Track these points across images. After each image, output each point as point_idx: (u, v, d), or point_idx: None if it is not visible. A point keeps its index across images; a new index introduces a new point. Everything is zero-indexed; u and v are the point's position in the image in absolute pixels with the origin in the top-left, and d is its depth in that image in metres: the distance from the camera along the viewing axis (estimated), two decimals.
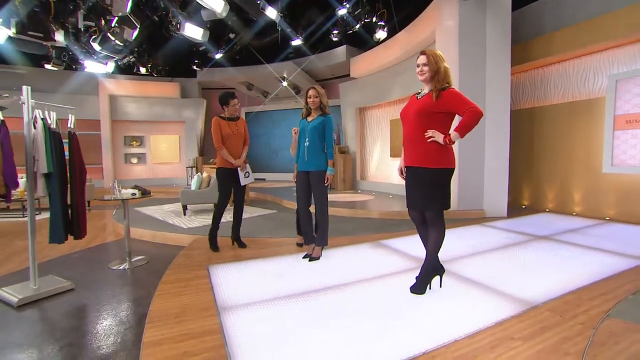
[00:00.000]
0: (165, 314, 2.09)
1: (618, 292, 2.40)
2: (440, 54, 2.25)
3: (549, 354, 1.65)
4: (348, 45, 9.46)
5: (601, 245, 3.54)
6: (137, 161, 11.32)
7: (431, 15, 5.85)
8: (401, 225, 4.82)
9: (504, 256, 3.24)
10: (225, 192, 3.60)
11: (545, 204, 5.79)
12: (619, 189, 4.84)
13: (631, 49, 4.72)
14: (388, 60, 7.73)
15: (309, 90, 3.25)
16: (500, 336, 1.80)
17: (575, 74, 5.37)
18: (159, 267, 3.33)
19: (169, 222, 5.08)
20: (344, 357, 1.64)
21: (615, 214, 4.88)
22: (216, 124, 3.52)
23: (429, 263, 2.36)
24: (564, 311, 2.09)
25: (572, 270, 2.81)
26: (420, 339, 1.78)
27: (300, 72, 10.32)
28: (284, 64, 10.18)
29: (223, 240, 3.92)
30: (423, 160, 2.18)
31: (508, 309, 2.11)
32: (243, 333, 1.86)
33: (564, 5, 5.43)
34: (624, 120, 4.69)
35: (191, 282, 2.64)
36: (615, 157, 4.79)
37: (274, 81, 10.75)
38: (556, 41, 5.30)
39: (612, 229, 4.32)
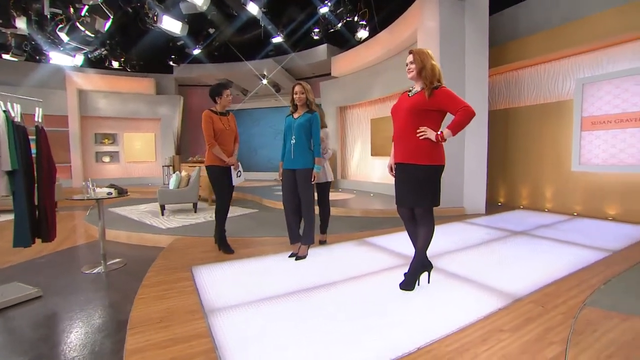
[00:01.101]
0: (149, 318, 1.98)
1: (591, 282, 2.53)
2: (427, 52, 2.29)
3: (536, 344, 1.70)
4: (329, 44, 9.47)
5: (572, 239, 3.74)
6: (109, 160, 10.77)
7: (413, 16, 5.95)
8: (384, 223, 4.87)
9: (486, 251, 3.34)
10: (221, 191, 3.35)
11: (519, 201, 6.06)
12: (585, 187, 5.14)
13: (595, 55, 5.03)
14: (369, 60, 7.80)
15: (294, 87, 3.20)
16: (490, 329, 1.85)
17: (546, 77, 5.64)
18: (138, 269, 3.17)
19: (146, 222, 4.86)
20: (337, 357, 1.62)
21: (582, 209, 5.18)
22: (208, 118, 3.25)
23: (417, 260, 2.39)
24: (545, 302, 2.18)
25: (548, 264, 2.94)
26: (413, 335, 1.79)
27: (280, 70, 10.22)
28: (264, 62, 10.04)
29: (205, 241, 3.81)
30: (414, 156, 2.20)
31: (494, 302, 2.17)
32: (233, 335, 1.80)
33: (536, 11, 5.70)
34: (590, 122, 4.98)
35: (174, 284, 2.53)
36: (582, 156, 5.08)
37: (254, 79, 10.58)
38: (529, 45, 5.54)
39: (579, 224, 4.58)
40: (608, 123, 4.81)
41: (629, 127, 4.64)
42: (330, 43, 9.41)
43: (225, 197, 3.37)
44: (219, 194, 3.36)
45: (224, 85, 3.43)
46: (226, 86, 3.42)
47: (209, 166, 3.33)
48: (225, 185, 3.36)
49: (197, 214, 5.50)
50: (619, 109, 4.72)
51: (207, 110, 3.35)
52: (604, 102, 4.84)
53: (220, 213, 3.36)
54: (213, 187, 3.39)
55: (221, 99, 3.36)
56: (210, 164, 3.31)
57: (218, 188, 3.35)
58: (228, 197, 3.46)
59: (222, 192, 3.36)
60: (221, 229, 3.39)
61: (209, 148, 3.26)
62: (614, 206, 4.87)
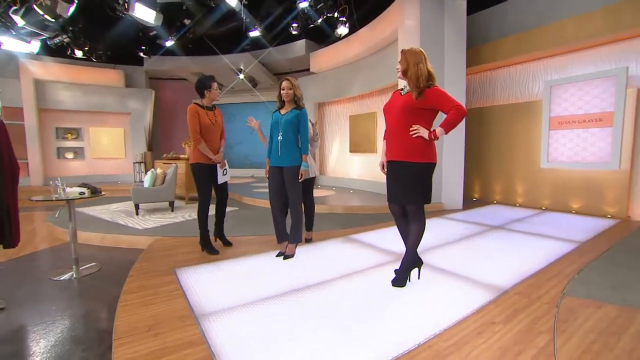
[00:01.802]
0: (135, 327, 1.86)
1: (566, 272, 2.70)
2: (417, 52, 2.30)
3: (526, 334, 1.78)
4: (307, 40, 9.38)
5: (544, 232, 3.97)
6: (73, 156, 10.05)
7: (393, 14, 6.01)
8: (366, 220, 4.92)
9: (468, 246, 3.47)
10: (206, 191, 3.21)
11: (493, 196, 6.35)
12: (553, 182, 5.48)
13: (562, 59, 5.35)
14: (349, 56, 7.82)
15: (282, 82, 3.12)
16: (483, 322, 1.91)
17: (517, 78, 5.93)
18: (115, 273, 3.00)
19: (120, 223, 4.59)
20: (341, 358, 1.60)
21: (549, 204, 5.52)
22: (194, 113, 3.07)
23: (409, 256, 2.43)
24: (529, 293, 2.29)
25: (526, 256, 3.10)
26: (411, 331, 1.81)
27: (257, 64, 10.00)
28: (240, 56, 9.77)
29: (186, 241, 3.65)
30: (408, 154, 2.22)
31: (483, 295, 2.25)
32: (230, 341, 1.73)
33: (508, 15, 5.95)
34: (557, 122, 5.30)
35: (159, 289, 2.40)
36: (550, 154, 5.40)
37: (230, 73, 10.27)
38: (502, 47, 5.79)
39: (549, 217, 4.87)
40: (573, 123, 5.14)
41: (590, 127, 4.99)
42: (309, 38, 9.32)
43: (208, 197, 3.24)
44: (203, 193, 3.22)
45: (211, 77, 3.27)
46: (213, 78, 3.28)
47: (194, 164, 3.18)
48: (210, 183, 3.24)
49: (175, 213, 5.27)
50: (582, 110, 5.06)
51: (193, 103, 3.17)
52: (569, 104, 5.17)
53: (203, 212, 3.23)
54: (197, 186, 3.23)
55: (210, 92, 3.20)
56: (195, 161, 3.16)
57: (202, 187, 3.20)
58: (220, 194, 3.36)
59: (206, 190, 3.23)
60: (205, 229, 3.26)
61: (195, 144, 3.10)
62: (577, 200, 5.23)
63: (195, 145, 3.09)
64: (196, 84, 3.23)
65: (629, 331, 1.86)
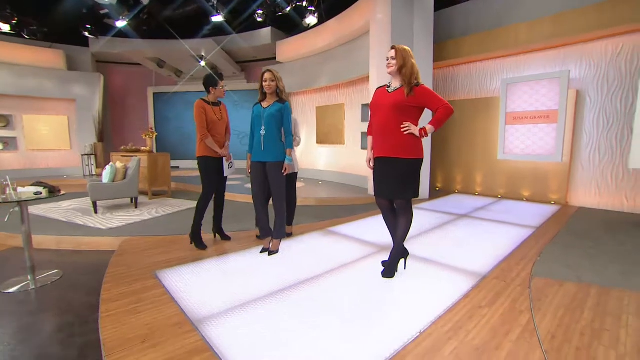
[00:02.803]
0: (127, 339, 1.73)
1: (530, 256, 3.01)
2: (408, 50, 2.36)
3: (511, 315, 1.98)
4: (273, 28, 9.11)
5: (504, 219, 4.37)
6: (2, 147, 8.86)
7: (365, 7, 6.04)
8: (340, 212, 5.01)
9: (442, 235, 3.70)
10: (211, 184, 3.25)
11: (454, 186, 6.80)
12: (507, 173, 6.01)
13: (516, 59, 5.83)
14: (318, 47, 7.75)
15: (264, 74, 3.02)
16: (471, 307, 2.07)
17: (477, 75, 6.34)
18: (81, 280, 2.76)
19: (78, 223, 4.18)
20: (352, 352, 1.65)
21: (505, 192, 6.06)
22: (201, 109, 3.15)
23: (397, 248, 2.53)
24: (505, 277, 2.53)
25: (494, 243, 3.40)
26: (411, 320, 1.91)
27: (220, 51, 9.51)
28: (202, 41, 9.21)
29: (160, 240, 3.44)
30: (399, 151, 2.29)
31: (466, 282, 2.43)
32: (233, 343, 1.69)
33: (470, 15, 6.30)
34: (512, 117, 5.79)
35: (143, 294, 2.25)
36: (506, 146, 5.90)
37: (190, 59, 9.66)
38: (464, 45, 6.14)
39: (506, 205, 5.36)
40: (525, 119, 5.65)
41: (539, 123, 5.53)
42: (275, 27, 9.06)
43: (213, 189, 3.29)
44: (208, 185, 3.25)
45: (219, 75, 3.34)
46: (222, 77, 3.36)
47: (201, 157, 3.23)
48: (215, 176, 3.29)
49: (140, 210, 4.92)
50: (532, 107, 5.58)
51: (200, 100, 3.23)
52: (522, 101, 5.66)
53: (204, 205, 3.26)
54: (202, 178, 3.27)
55: (215, 90, 3.27)
56: (202, 154, 3.23)
57: (208, 179, 3.25)
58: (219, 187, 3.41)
59: (211, 183, 3.26)
60: (199, 222, 3.26)
61: (202, 139, 3.16)
62: (527, 189, 5.80)
63: (202, 140, 3.16)
64: (204, 80, 3.29)
65: (587, 304, 2.14)
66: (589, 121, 5.23)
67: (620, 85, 4.95)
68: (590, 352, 1.66)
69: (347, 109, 7.81)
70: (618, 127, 5.00)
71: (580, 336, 1.79)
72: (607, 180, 5.11)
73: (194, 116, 3.17)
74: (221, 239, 3.51)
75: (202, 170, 3.25)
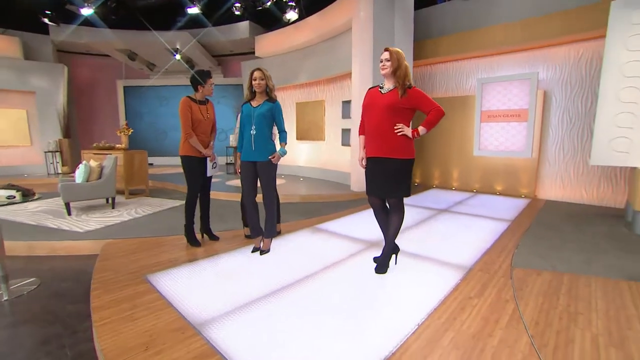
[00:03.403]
0: (128, 348, 1.68)
1: (509, 248, 3.22)
2: (402, 52, 2.43)
3: (498, 304, 2.13)
4: (251, 22, 8.93)
5: (481, 213, 4.62)
6: None
7: (347, 4, 6.05)
8: (325, 208, 5.07)
9: (426, 230, 3.86)
10: (195, 183, 3.22)
11: (432, 181, 7.06)
12: (482, 168, 6.33)
13: (490, 60, 6.12)
14: (298, 43, 7.70)
15: (254, 72, 3.00)
16: (462, 298, 2.21)
17: (454, 74, 6.59)
18: (63, 288, 2.64)
19: (50, 226, 3.95)
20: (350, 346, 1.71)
21: (479, 187, 6.39)
22: (187, 107, 3.07)
23: (388, 245, 2.63)
24: (488, 269, 2.70)
25: (475, 236, 3.60)
26: (408, 314, 2.01)
27: (195, 44, 9.20)
28: (176, 34, 8.85)
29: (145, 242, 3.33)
30: (393, 151, 2.37)
31: (454, 275, 2.57)
32: (240, 346, 1.70)
33: (446, 16, 6.51)
34: (487, 115, 6.09)
35: (137, 300, 2.18)
36: (480, 143, 6.21)
37: (163, 52, 9.27)
38: (441, 45, 6.35)
39: (481, 199, 5.65)
40: (498, 117, 5.97)
41: (511, 121, 5.86)
42: (253, 21, 8.88)
43: (198, 188, 3.25)
44: (192, 186, 3.21)
45: (207, 73, 3.23)
46: (210, 74, 3.25)
47: (184, 156, 3.17)
48: (199, 176, 3.24)
49: (118, 210, 4.72)
50: (505, 106, 5.90)
51: (186, 97, 3.14)
52: (496, 100, 5.97)
53: (190, 205, 3.24)
54: (186, 177, 3.22)
55: (203, 89, 3.20)
56: (185, 153, 3.16)
57: (191, 179, 3.21)
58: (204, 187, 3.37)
59: (195, 183, 3.23)
60: (190, 220, 3.25)
61: (186, 138, 3.08)
62: (500, 183, 6.15)
63: (186, 139, 3.09)
64: (191, 78, 3.21)
65: (561, 291, 2.34)
66: (555, 120, 5.61)
67: (581, 87, 5.35)
68: (568, 334, 1.83)
69: (327, 106, 7.85)
70: (579, 126, 5.41)
71: (559, 320, 1.97)
72: (569, 174, 5.53)
73: (179, 114, 3.08)
74: (209, 239, 3.47)
75: (186, 169, 3.20)
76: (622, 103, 3.98)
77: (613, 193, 5.18)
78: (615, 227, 4.01)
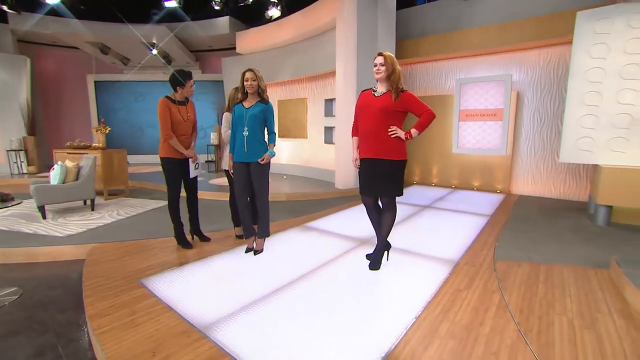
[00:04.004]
0: (135, 355, 1.66)
1: (490, 242, 3.43)
2: (392, 55, 2.53)
3: (486, 295, 2.29)
4: (232, 18, 8.76)
5: (462, 209, 4.86)
6: None
7: (331, 3, 6.08)
8: (311, 206, 5.13)
9: (412, 226, 4.02)
10: (175, 186, 3.15)
11: (413, 177, 7.30)
12: (460, 165, 6.63)
13: (468, 61, 6.39)
14: (280, 40, 7.66)
15: (245, 73, 2.99)
16: (452, 290, 2.35)
17: (434, 74, 6.82)
18: (48, 296, 2.55)
19: (25, 231, 3.74)
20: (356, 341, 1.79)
21: (458, 183, 6.68)
22: (165, 108, 2.97)
23: (381, 242, 2.73)
24: (473, 262, 2.87)
25: (459, 231, 3.79)
26: (405, 308, 2.12)
27: (173, 38, 8.90)
28: (154, 28, 8.51)
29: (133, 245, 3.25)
30: (387, 153, 2.46)
31: (443, 269, 2.72)
32: (250, 346, 1.73)
33: (426, 17, 6.71)
34: (465, 114, 6.37)
35: (135, 306, 2.15)
36: (459, 141, 6.48)
37: (139, 46, 8.89)
38: (422, 45, 6.55)
39: (460, 195, 5.93)
40: (476, 116, 6.25)
41: (488, 120, 6.16)
42: (233, 16, 8.71)
43: (178, 191, 3.17)
44: (173, 188, 3.14)
45: (188, 74, 3.10)
46: (190, 75, 3.12)
47: (164, 158, 3.08)
48: (180, 178, 3.17)
49: (98, 212, 4.54)
50: (482, 106, 6.19)
51: (164, 98, 3.03)
52: (473, 100, 6.25)
53: (173, 208, 3.18)
54: (166, 180, 3.13)
55: (183, 90, 3.08)
56: (165, 155, 3.07)
57: (172, 182, 3.13)
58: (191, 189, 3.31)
59: (176, 185, 3.16)
60: (178, 222, 3.20)
61: (166, 140, 3.00)
62: (477, 179, 6.46)
63: (165, 140, 3.01)
64: (170, 78, 3.08)
65: (539, 280, 2.55)
66: (527, 119, 5.97)
67: (550, 89, 5.72)
68: (548, 319, 2.02)
69: (309, 103, 7.88)
70: (548, 125, 5.78)
71: (539, 307, 2.16)
72: (540, 171, 5.92)
73: (158, 115, 2.98)
74: (200, 241, 3.43)
75: (166, 171, 3.11)
76: (586, 106, 4.30)
77: (577, 188, 5.60)
78: (580, 220, 4.36)
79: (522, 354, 1.69)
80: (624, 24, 3.96)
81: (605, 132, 4.17)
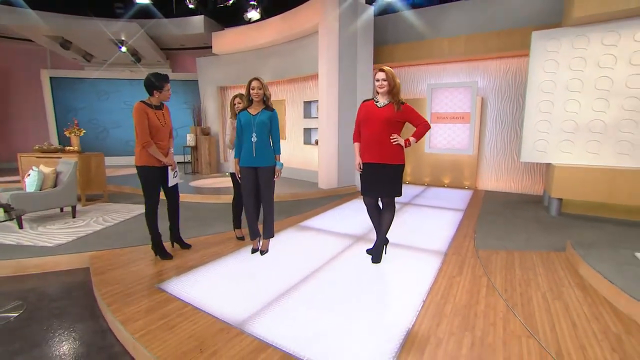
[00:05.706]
0: (183, 352, 1.76)
1: (469, 234, 3.88)
2: (393, 70, 2.82)
3: (475, 279, 2.66)
4: (206, 17, 8.62)
5: (439, 204, 5.33)
6: None
7: (313, 8, 6.27)
8: (302, 206, 5.32)
9: (399, 222, 4.36)
10: (153, 195, 3.01)
11: None
12: (432, 164, 7.17)
13: (438, 68, 6.93)
14: (259, 42, 7.70)
15: (252, 81, 3.11)
16: (448, 277, 2.70)
17: (408, 79, 7.29)
18: (58, 307, 2.51)
19: (7, 242, 3.54)
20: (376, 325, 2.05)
21: (429, 180, 7.23)
22: (143, 113, 2.83)
23: (381, 238, 3.03)
24: (459, 252, 3.26)
25: (441, 225, 4.21)
26: (411, 295, 2.42)
27: (143, 35, 8.55)
28: (123, 24, 8.12)
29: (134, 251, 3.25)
30: (390, 158, 2.75)
31: (435, 260, 3.08)
32: (286, 337, 1.91)
33: (400, 26, 7.15)
34: (436, 117, 6.90)
35: (162, 309, 2.23)
36: (431, 142, 7.01)
37: (105, 42, 8.43)
38: (396, 52, 6.98)
39: (433, 192, 6.44)
40: (446, 119, 6.81)
41: (457, 123, 6.75)
42: (208, 16, 8.57)
43: (156, 200, 3.05)
44: (150, 197, 3.01)
45: (164, 77, 2.97)
46: (167, 79, 2.99)
47: (141, 166, 2.93)
48: (158, 186, 3.07)
49: (82, 219, 4.36)
50: (452, 109, 6.76)
51: (141, 103, 2.89)
52: (444, 104, 6.80)
53: (151, 217, 3.06)
54: (144, 189, 3.01)
55: (160, 94, 2.96)
56: (143, 164, 2.93)
57: (150, 190, 3.01)
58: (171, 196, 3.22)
59: (154, 194, 3.03)
60: (156, 232, 3.11)
61: (144, 147, 2.87)
62: (447, 177, 7.04)
63: (143, 147, 2.87)
64: (145, 82, 2.93)
65: (515, 264, 2.99)
66: (490, 122, 6.63)
67: (509, 95, 6.41)
68: (528, 295, 2.43)
69: (287, 105, 8.03)
70: (508, 127, 6.48)
71: (519, 286, 2.57)
72: (501, 168, 6.61)
73: (134, 121, 2.84)
74: (181, 248, 3.36)
75: (144, 180, 2.97)
76: (541, 113, 4.94)
77: (532, 183, 6.36)
78: (537, 211, 5.00)
79: (512, 323, 2.06)
80: (569, 45, 4.61)
81: (556, 135, 4.82)
